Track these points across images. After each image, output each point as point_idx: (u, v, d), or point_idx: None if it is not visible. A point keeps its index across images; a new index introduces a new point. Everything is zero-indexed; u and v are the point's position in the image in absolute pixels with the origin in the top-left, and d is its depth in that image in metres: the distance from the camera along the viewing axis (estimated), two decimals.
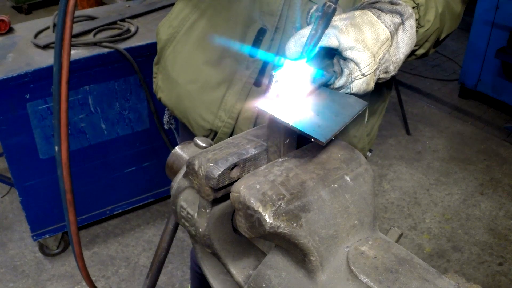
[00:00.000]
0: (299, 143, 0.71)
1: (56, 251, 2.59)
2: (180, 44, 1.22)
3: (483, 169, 3.29)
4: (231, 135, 1.17)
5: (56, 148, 0.64)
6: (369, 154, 1.28)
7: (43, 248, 2.57)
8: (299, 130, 0.62)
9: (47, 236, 2.50)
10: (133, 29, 2.38)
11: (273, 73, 0.64)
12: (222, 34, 1.13)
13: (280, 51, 1.08)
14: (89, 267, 2.54)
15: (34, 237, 2.47)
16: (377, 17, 0.80)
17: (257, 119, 1.14)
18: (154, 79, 1.33)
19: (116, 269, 2.54)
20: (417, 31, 0.91)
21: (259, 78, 1.11)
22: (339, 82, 0.78)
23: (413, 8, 0.89)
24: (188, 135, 1.35)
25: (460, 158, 3.40)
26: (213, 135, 1.21)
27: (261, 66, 1.10)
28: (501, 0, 3.52)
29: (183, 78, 1.21)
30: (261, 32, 1.08)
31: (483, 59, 3.75)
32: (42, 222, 2.45)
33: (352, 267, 0.61)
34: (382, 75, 0.85)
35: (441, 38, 1.06)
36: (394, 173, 3.26)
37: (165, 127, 1.48)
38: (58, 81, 0.59)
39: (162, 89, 1.29)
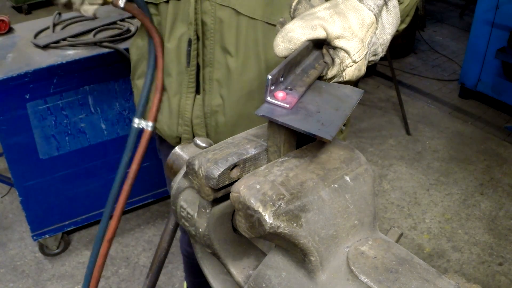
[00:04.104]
0: (299, 143, 0.71)
1: (56, 251, 2.59)
2: (144, 64, 1.34)
3: (483, 169, 3.29)
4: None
5: None
6: (343, 127, 1.36)
7: (43, 248, 2.57)
8: (304, 131, 0.61)
9: (47, 236, 2.50)
10: (133, 29, 2.38)
11: (269, 76, 0.64)
12: (166, 49, 1.24)
13: (206, 59, 1.19)
14: None
15: (34, 237, 2.47)
16: (359, 2, 0.80)
17: (207, 126, 1.26)
18: (133, 92, 1.46)
19: (116, 269, 2.55)
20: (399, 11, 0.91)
21: (198, 86, 1.23)
22: (332, 72, 0.78)
23: None
24: (163, 144, 1.50)
25: (460, 158, 3.40)
26: (179, 141, 1.33)
27: (195, 74, 1.21)
28: (501, 0, 3.51)
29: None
30: (189, 43, 1.19)
31: (483, 59, 3.75)
32: (42, 222, 2.45)
33: (352, 267, 0.61)
34: (371, 58, 0.85)
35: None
36: (394, 173, 3.26)
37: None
38: None
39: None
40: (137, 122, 0.99)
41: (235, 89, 1.19)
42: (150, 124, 0.98)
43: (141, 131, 1.03)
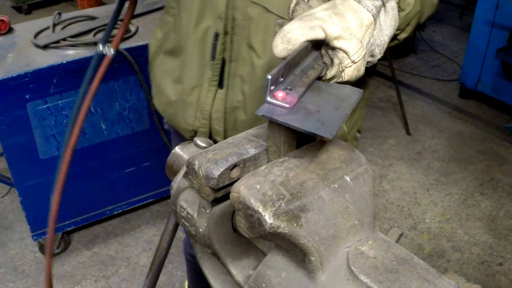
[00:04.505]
0: (299, 143, 0.71)
1: (56, 251, 2.59)
2: (166, 56, 1.34)
3: (483, 169, 3.29)
4: (210, 133, 1.29)
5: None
6: (358, 135, 1.36)
7: (43, 248, 2.57)
8: (304, 130, 0.61)
9: (47, 236, 2.49)
10: (133, 29, 2.38)
11: (268, 77, 0.64)
12: (187, 41, 1.24)
13: (232, 54, 1.18)
14: (89, 267, 2.55)
15: (34, 237, 2.47)
16: (358, 3, 0.80)
17: (225, 121, 1.25)
18: (151, 85, 1.47)
19: (116, 269, 2.55)
20: (398, 14, 0.91)
21: (221, 80, 1.22)
22: (331, 72, 0.78)
23: None
24: (179, 136, 1.48)
25: (460, 158, 3.40)
26: (195, 135, 1.32)
27: (220, 68, 1.20)
28: (501, 0, 3.52)
29: (168, 87, 1.33)
30: (216, 36, 1.18)
31: (483, 59, 3.75)
32: (42, 222, 2.44)
33: (352, 267, 0.61)
34: (369, 59, 0.85)
35: (421, 22, 1.08)
36: (394, 173, 3.26)
37: (165, 127, 1.61)
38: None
39: (154, 96, 1.42)
40: (100, 48, 1.08)
41: (258, 86, 1.18)
42: (112, 50, 1.07)
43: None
